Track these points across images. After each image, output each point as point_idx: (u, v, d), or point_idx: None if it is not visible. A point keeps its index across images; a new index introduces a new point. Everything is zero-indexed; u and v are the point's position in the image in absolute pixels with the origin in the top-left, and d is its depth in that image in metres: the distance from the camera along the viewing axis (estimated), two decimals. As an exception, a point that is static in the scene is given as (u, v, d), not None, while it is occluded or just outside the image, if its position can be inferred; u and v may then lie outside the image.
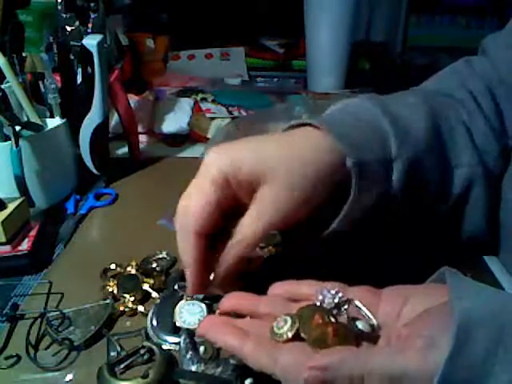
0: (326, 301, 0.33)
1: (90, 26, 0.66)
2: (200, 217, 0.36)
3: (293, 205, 0.37)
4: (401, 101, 0.46)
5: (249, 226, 0.37)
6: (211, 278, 0.40)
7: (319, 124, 0.39)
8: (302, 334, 0.31)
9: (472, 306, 0.27)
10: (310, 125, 0.40)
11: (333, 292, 0.33)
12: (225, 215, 0.38)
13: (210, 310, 0.42)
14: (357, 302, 0.32)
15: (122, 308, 0.44)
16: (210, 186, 0.36)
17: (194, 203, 0.37)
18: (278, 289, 0.36)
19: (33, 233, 0.52)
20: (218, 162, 0.37)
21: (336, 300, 0.32)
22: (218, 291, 0.40)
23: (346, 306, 0.32)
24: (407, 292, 0.33)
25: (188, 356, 0.37)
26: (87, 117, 0.64)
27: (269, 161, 0.37)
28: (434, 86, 0.52)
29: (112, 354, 0.39)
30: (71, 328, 0.42)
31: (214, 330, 0.32)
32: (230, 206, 0.38)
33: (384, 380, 0.27)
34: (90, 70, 0.62)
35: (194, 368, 0.36)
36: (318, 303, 0.33)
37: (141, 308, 0.44)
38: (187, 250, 0.37)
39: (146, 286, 0.46)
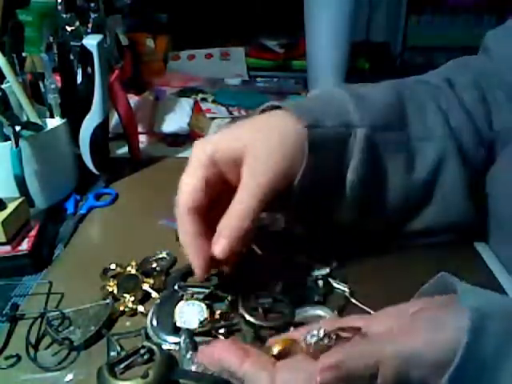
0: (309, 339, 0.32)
1: (89, 25, 0.66)
2: (189, 193, 0.41)
3: (278, 162, 0.41)
4: (370, 86, 0.50)
5: (247, 190, 0.40)
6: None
7: (282, 105, 0.45)
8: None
9: (482, 300, 0.27)
10: (278, 107, 0.46)
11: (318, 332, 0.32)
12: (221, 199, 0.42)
13: (210, 310, 0.42)
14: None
15: (122, 308, 0.44)
16: (197, 166, 0.42)
17: (184, 183, 0.42)
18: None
19: (33, 233, 0.52)
20: (201, 146, 0.43)
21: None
22: (225, 268, 0.45)
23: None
24: (396, 312, 0.33)
25: (188, 356, 0.37)
26: (87, 117, 0.64)
27: (244, 137, 0.42)
28: (419, 77, 0.54)
29: (112, 353, 0.39)
30: (71, 328, 0.42)
31: (214, 352, 0.33)
32: (224, 188, 0.42)
33: (398, 365, 0.27)
34: (89, 70, 0.62)
35: (193, 368, 0.36)
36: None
37: (141, 308, 0.44)
38: (184, 228, 0.41)
39: (145, 286, 0.46)
